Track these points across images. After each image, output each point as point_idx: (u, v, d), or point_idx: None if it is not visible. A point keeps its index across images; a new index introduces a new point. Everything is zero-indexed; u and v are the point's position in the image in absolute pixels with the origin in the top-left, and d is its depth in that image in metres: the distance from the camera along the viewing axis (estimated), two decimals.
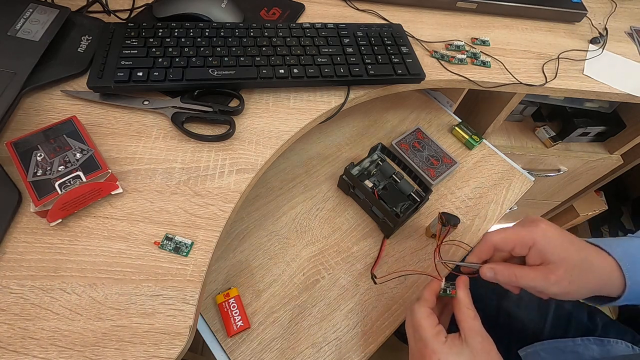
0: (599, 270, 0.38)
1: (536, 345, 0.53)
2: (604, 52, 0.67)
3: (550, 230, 0.38)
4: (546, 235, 0.38)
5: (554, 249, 0.37)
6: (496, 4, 0.68)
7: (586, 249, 0.38)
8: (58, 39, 0.47)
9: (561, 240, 0.38)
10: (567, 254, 0.37)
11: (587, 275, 0.37)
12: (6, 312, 0.33)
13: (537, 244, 0.38)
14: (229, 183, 0.42)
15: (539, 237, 0.38)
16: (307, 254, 0.53)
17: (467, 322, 0.38)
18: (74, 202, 0.37)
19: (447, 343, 0.37)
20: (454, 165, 0.63)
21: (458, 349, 0.37)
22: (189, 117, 0.46)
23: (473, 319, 0.38)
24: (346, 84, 0.52)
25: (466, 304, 0.39)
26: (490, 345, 0.37)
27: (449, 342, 0.37)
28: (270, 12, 0.61)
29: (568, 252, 0.37)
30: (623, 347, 0.52)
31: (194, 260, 0.37)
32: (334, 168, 0.63)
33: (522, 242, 0.39)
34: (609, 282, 0.38)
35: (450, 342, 0.37)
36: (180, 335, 0.33)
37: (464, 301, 0.39)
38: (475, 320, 0.38)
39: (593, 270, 0.37)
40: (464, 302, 0.39)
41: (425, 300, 0.41)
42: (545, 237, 0.38)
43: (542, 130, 0.81)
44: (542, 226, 0.38)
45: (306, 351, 0.46)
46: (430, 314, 0.39)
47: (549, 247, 0.37)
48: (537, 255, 0.38)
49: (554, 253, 0.37)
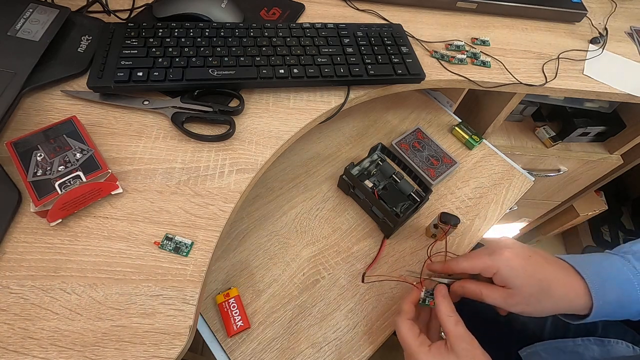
0: (560, 295, 0.40)
1: (537, 346, 0.53)
2: (604, 52, 0.67)
3: (513, 260, 0.41)
4: (508, 264, 0.41)
5: (514, 278, 0.40)
6: (496, 4, 0.68)
7: (551, 275, 0.41)
8: (58, 39, 0.47)
9: (523, 270, 0.40)
10: (525, 282, 0.40)
11: (546, 300, 0.40)
12: (6, 312, 0.33)
13: (499, 272, 0.41)
14: (229, 183, 0.42)
15: (502, 266, 0.41)
16: (307, 254, 0.53)
17: (450, 329, 0.39)
18: (74, 202, 0.37)
19: (432, 351, 0.39)
20: (454, 165, 0.63)
21: (442, 357, 0.38)
22: (189, 117, 0.46)
23: (455, 325, 0.39)
24: (346, 84, 0.52)
25: (446, 312, 0.41)
26: (476, 349, 0.38)
27: (433, 351, 0.39)
28: (270, 12, 0.61)
29: (527, 281, 0.40)
30: (623, 347, 0.52)
31: (194, 260, 0.37)
32: (334, 168, 0.63)
33: (486, 270, 0.42)
34: (574, 302, 0.40)
35: (434, 350, 0.39)
36: (180, 335, 0.33)
37: (444, 310, 0.41)
38: (458, 327, 0.39)
39: (552, 296, 0.40)
40: (444, 311, 0.41)
41: (405, 312, 0.42)
42: (507, 266, 0.41)
43: (542, 130, 0.81)
44: (506, 255, 0.41)
45: (306, 351, 0.46)
46: (412, 326, 0.41)
47: (509, 276, 0.40)
48: (499, 280, 0.41)
49: (514, 281, 0.40)
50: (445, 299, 0.42)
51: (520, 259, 0.41)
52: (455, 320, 0.40)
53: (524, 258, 0.41)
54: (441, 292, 0.42)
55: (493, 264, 0.41)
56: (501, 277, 0.41)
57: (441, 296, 0.42)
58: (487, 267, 0.42)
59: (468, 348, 0.38)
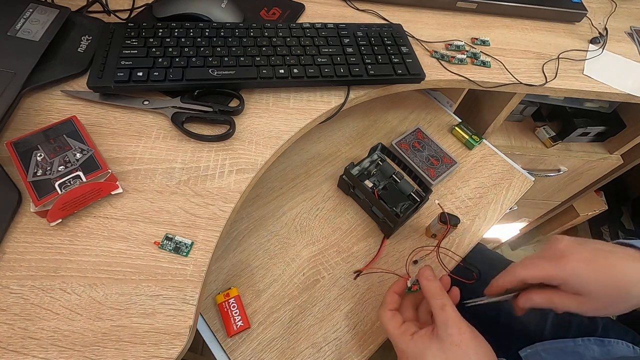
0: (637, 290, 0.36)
1: (537, 346, 0.53)
2: (604, 52, 0.67)
3: (580, 267, 0.36)
4: (575, 273, 0.36)
5: (587, 286, 0.36)
6: (496, 4, 0.68)
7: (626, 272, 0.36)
8: (58, 39, 0.47)
9: (594, 276, 0.36)
10: (599, 289, 0.36)
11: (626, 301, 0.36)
12: (6, 312, 0.33)
13: (567, 283, 0.37)
14: (229, 183, 0.42)
15: (569, 276, 0.36)
16: (307, 254, 0.53)
17: (435, 314, 0.37)
18: (74, 202, 0.37)
19: (414, 340, 0.37)
20: (454, 165, 0.63)
21: (425, 345, 0.36)
22: (189, 117, 0.46)
23: (441, 309, 0.37)
24: (346, 84, 0.52)
25: (432, 294, 0.38)
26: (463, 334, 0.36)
27: (415, 339, 0.37)
28: (270, 12, 0.61)
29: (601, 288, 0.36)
30: (624, 347, 0.52)
31: (194, 260, 0.37)
32: (334, 168, 0.62)
33: (550, 280, 0.37)
34: None
35: (417, 339, 0.37)
36: (180, 335, 0.33)
37: (430, 292, 0.38)
38: (443, 310, 0.37)
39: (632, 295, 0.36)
40: (430, 293, 0.38)
41: (386, 303, 0.41)
42: (576, 275, 0.36)
43: (542, 130, 0.81)
44: (572, 264, 0.37)
45: (306, 351, 0.46)
46: (393, 316, 0.40)
47: (581, 285, 0.36)
48: (569, 289, 0.37)
49: (588, 289, 0.36)
50: (429, 281, 0.39)
51: (587, 264, 0.37)
52: (440, 303, 0.37)
53: (591, 262, 0.37)
54: (424, 275, 0.40)
55: (557, 275, 0.37)
56: (572, 288, 0.37)
57: (424, 279, 0.40)
58: (550, 278, 0.37)
59: (454, 333, 0.35)
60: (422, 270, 0.41)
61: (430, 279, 0.40)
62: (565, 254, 0.37)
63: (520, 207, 1.05)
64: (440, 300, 0.38)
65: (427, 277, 0.40)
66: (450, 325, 0.36)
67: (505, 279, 0.40)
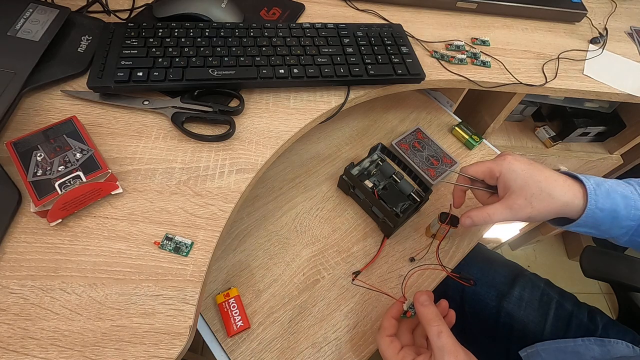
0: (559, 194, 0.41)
1: (537, 346, 0.53)
2: (604, 52, 0.67)
3: (515, 163, 0.43)
4: (510, 167, 0.43)
5: (515, 179, 0.42)
6: (496, 4, 0.68)
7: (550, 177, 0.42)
8: (58, 39, 0.47)
9: (524, 171, 0.42)
10: (526, 182, 0.41)
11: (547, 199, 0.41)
12: (6, 312, 0.33)
13: (502, 175, 0.43)
14: (229, 183, 0.42)
15: (504, 168, 0.43)
16: (307, 254, 0.53)
17: (432, 340, 0.38)
18: (74, 202, 0.37)
19: None
20: (454, 165, 0.63)
21: None
22: (189, 117, 0.46)
23: (437, 336, 0.37)
24: (346, 84, 0.52)
25: (428, 320, 0.39)
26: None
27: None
28: (270, 12, 0.61)
29: (527, 181, 0.41)
30: (623, 347, 0.52)
31: (194, 260, 0.37)
32: (334, 168, 0.62)
33: (490, 174, 0.44)
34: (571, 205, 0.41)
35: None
36: (180, 335, 0.33)
37: (425, 317, 0.39)
38: (440, 337, 0.37)
39: (552, 195, 0.41)
40: (425, 319, 0.39)
41: (385, 329, 0.42)
42: (509, 169, 0.42)
43: (542, 130, 0.81)
44: (508, 159, 0.43)
45: (306, 351, 0.46)
46: (391, 342, 0.40)
47: (511, 177, 0.42)
48: (502, 185, 0.43)
49: (515, 183, 0.42)
50: (425, 307, 0.40)
51: (522, 162, 0.43)
52: (437, 330, 0.38)
53: (526, 163, 0.43)
54: (420, 300, 0.40)
55: (496, 167, 0.44)
56: (503, 180, 0.43)
57: (420, 304, 0.40)
58: (490, 171, 0.44)
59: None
60: (417, 295, 0.41)
61: (425, 305, 0.40)
62: (506, 155, 0.44)
63: None
64: (437, 327, 0.38)
65: (422, 303, 0.40)
66: (447, 352, 0.36)
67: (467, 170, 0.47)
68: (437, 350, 0.37)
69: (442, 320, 0.39)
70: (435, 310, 0.40)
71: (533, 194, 0.41)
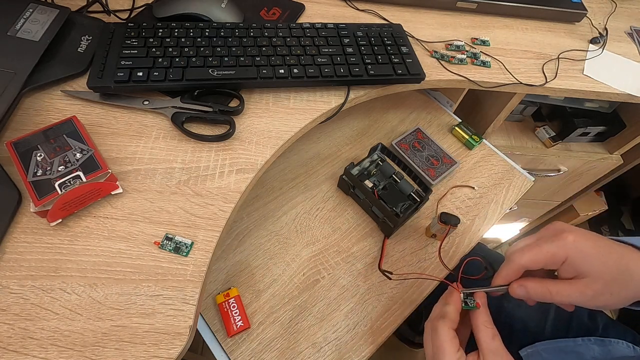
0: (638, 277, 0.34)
1: (537, 346, 0.53)
2: (604, 52, 0.67)
3: (582, 242, 0.34)
4: (578, 248, 0.34)
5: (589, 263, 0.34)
6: (496, 4, 0.68)
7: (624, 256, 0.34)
8: (58, 39, 0.47)
9: (596, 252, 0.34)
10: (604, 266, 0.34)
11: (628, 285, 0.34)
12: (6, 312, 0.33)
13: (570, 259, 0.34)
14: (229, 183, 0.42)
15: (572, 252, 0.34)
16: (307, 254, 0.53)
17: (486, 342, 0.36)
18: (74, 202, 0.37)
19: None
20: (454, 165, 0.63)
21: None
22: (189, 117, 0.46)
23: (492, 339, 0.36)
24: (346, 84, 0.52)
25: (484, 321, 0.37)
26: None
27: None
28: (270, 12, 0.61)
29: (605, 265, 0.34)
30: (624, 347, 0.52)
31: (194, 260, 0.37)
32: (334, 168, 0.63)
33: (553, 260, 0.35)
34: None
35: None
36: (180, 335, 0.33)
37: (483, 318, 0.37)
38: (494, 340, 0.36)
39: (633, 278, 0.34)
40: (482, 320, 0.37)
41: (451, 321, 0.37)
42: (578, 250, 0.34)
43: (542, 130, 0.81)
44: (571, 238, 0.35)
45: (306, 351, 0.46)
46: (454, 337, 0.37)
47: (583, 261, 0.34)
48: (570, 270, 0.35)
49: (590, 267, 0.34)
50: (485, 307, 0.38)
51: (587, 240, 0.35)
52: (492, 332, 0.36)
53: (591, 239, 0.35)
54: (483, 300, 0.38)
55: (560, 251, 0.34)
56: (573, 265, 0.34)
57: (484, 302, 0.38)
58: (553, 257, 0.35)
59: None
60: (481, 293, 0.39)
61: (486, 305, 0.38)
62: (565, 230, 0.36)
63: (520, 207, 1.05)
64: (492, 329, 0.36)
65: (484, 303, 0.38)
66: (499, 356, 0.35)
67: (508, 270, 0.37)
68: (489, 353, 0.35)
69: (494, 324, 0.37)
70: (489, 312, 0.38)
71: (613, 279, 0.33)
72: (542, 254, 0.35)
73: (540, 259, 0.35)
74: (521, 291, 0.37)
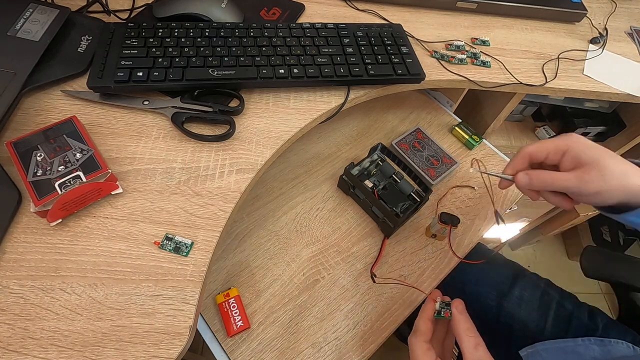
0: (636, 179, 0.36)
1: (537, 346, 0.53)
2: (604, 52, 0.67)
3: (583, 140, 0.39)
4: (579, 141, 0.38)
5: (587, 151, 0.37)
6: (496, 4, 0.68)
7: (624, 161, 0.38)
8: (58, 39, 0.47)
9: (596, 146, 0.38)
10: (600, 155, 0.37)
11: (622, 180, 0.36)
12: (6, 312, 0.33)
13: (571, 148, 0.38)
14: (229, 183, 0.42)
15: (573, 142, 0.38)
16: (307, 254, 0.53)
17: (470, 351, 0.36)
18: (74, 202, 0.37)
19: None
20: (454, 165, 0.63)
21: None
22: (189, 117, 0.46)
23: (474, 348, 0.36)
24: (346, 84, 0.52)
25: (465, 329, 0.37)
26: None
27: None
28: (270, 12, 0.61)
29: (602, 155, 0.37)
30: (624, 347, 0.52)
31: (194, 260, 0.37)
32: (334, 168, 0.62)
33: (556, 149, 0.39)
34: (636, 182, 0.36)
35: None
36: (180, 335, 0.33)
37: (462, 325, 0.37)
38: (477, 350, 0.36)
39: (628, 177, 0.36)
40: (463, 327, 0.37)
41: (422, 333, 0.39)
42: (579, 142, 0.38)
43: (542, 130, 0.81)
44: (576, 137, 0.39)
45: (306, 351, 0.46)
46: (428, 350, 0.37)
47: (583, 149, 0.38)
48: (570, 159, 0.38)
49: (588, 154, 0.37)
50: (463, 315, 0.38)
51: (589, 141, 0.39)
52: (475, 341, 0.36)
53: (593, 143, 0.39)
54: (459, 308, 0.39)
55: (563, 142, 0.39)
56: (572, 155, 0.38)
57: (459, 312, 0.38)
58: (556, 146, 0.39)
59: None
60: (456, 302, 0.39)
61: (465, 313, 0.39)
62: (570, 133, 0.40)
63: (520, 207, 1.05)
64: (474, 338, 0.37)
65: (462, 311, 0.39)
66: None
67: (516, 160, 0.42)
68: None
69: (477, 331, 0.37)
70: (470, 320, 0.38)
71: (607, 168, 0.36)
72: (546, 144, 0.40)
73: (543, 148, 0.40)
74: (525, 179, 0.40)
